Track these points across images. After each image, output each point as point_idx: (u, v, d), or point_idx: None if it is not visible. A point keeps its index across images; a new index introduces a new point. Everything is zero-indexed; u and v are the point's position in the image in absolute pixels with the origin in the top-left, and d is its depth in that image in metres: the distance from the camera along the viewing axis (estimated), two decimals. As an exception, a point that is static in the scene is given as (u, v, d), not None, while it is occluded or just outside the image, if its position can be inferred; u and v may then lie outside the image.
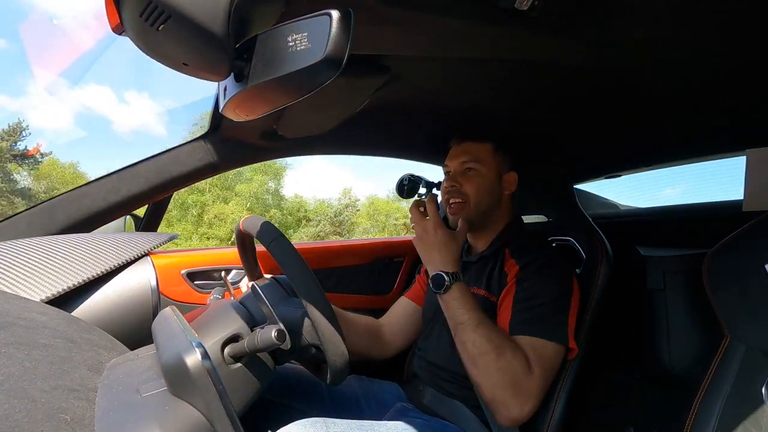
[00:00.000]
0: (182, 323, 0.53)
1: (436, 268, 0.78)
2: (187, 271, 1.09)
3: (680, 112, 0.88)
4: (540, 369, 0.73)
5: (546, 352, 0.75)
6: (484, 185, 0.92)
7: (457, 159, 0.95)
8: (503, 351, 0.71)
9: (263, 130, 1.01)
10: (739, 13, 0.56)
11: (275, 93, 0.42)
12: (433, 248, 0.80)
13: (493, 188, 0.93)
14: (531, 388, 0.72)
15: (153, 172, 1.01)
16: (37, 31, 41.78)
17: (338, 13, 0.35)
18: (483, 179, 0.92)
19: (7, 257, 0.80)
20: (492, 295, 0.86)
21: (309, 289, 0.60)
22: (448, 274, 0.77)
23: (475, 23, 0.57)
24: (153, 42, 0.41)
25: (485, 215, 0.93)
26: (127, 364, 0.50)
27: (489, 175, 0.93)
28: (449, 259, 0.79)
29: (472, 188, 0.92)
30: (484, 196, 0.92)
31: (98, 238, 0.96)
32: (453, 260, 0.79)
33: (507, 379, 0.70)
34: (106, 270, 0.90)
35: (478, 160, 0.92)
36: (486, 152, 0.93)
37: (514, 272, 0.84)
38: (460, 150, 0.95)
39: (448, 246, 0.80)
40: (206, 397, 0.41)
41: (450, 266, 0.78)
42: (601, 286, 0.90)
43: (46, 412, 0.36)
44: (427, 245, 0.81)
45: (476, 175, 0.92)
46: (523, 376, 0.71)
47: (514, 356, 0.72)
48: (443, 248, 0.80)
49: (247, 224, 0.74)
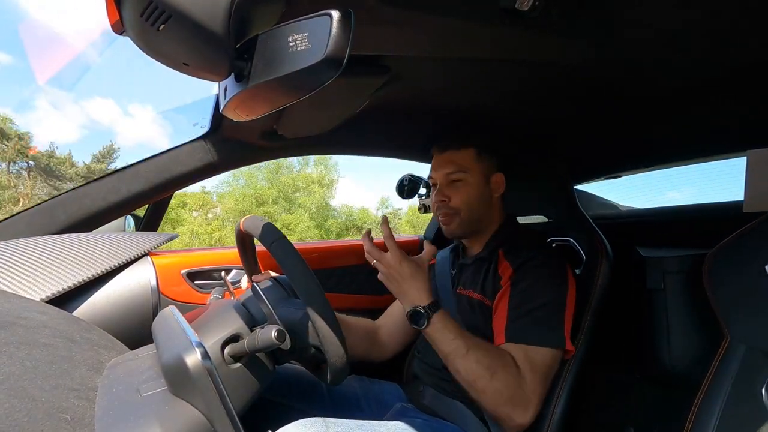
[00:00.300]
0: (182, 323, 0.53)
1: (412, 303, 0.74)
2: (187, 271, 1.09)
3: (680, 112, 0.88)
4: (537, 375, 0.73)
5: (542, 358, 0.75)
6: (474, 194, 0.91)
7: (441, 170, 0.93)
8: (496, 370, 0.71)
9: (263, 130, 1.01)
10: (739, 14, 0.56)
11: (276, 93, 0.42)
12: (402, 283, 0.75)
13: (482, 195, 0.92)
14: (530, 396, 0.72)
15: (153, 172, 1.01)
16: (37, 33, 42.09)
17: (338, 13, 0.35)
18: (471, 188, 0.91)
19: (8, 257, 0.80)
20: (486, 299, 0.86)
21: (310, 290, 0.60)
22: (424, 307, 0.73)
23: (476, 23, 0.57)
24: (153, 42, 0.41)
25: (478, 222, 0.93)
26: (127, 364, 0.50)
27: (476, 182, 0.91)
28: (421, 290, 0.75)
29: (462, 200, 0.90)
30: (475, 205, 0.91)
31: (98, 237, 0.96)
32: (425, 291, 0.75)
33: (505, 395, 0.70)
34: (107, 270, 0.90)
35: (463, 169, 0.90)
36: (469, 159, 0.91)
37: (508, 274, 0.83)
38: (443, 159, 0.93)
39: (416, 277, 0.75)
40: (206, 396, 0.41)
41: (424, 298, 0.74)
42: (602, 287, 0.90)
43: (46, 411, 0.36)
44: (394, 281, 0.76)
45: (464, 186, 0.91)
46: (520, 388, 0.71)
47: (507, 371, 0.71)
48: (412, 281, 0.74)
49: (248, 224, 0.74)
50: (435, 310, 0.74)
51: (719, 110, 0.85)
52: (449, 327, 0.74)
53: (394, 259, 0.75)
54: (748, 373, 0.63)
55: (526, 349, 0.75)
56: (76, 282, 0.84)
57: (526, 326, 0.76)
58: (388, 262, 0.75)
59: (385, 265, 0.75)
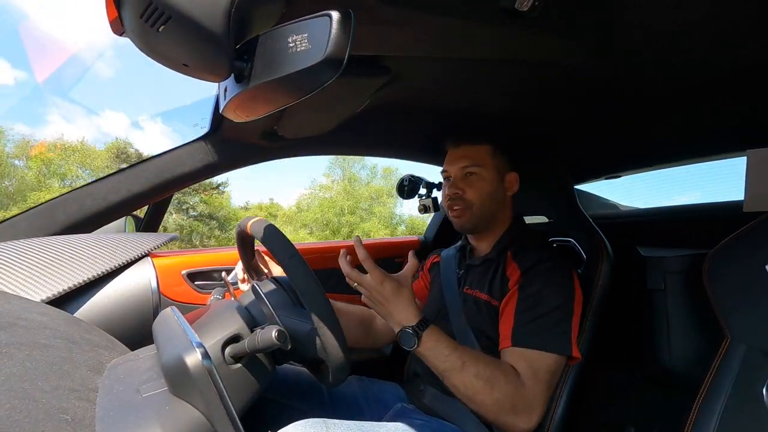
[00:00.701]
0: (183, 323, 0.53)
1: (399, 324, 0.72)
2: (188, 272, 1.09)
3: (680, 112, 0.88)
4: (540, 381, 0.73)
5: (548, 364, 0.74)
6: (487, 189, 0.90)
7: (456, 163, 0.92)
8: (496, 381, 0.70)
9: (263, 130, 1.01)
10: (739, 14, 0.56)
11: (276, 94, 0.42)
12: (387, 304, 0.72)
13: (496, 191, 0.91)
14: (532, 402, 0.71)
15: (153, 172, 1.01)
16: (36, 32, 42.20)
17: (338, 13, 0.35)
18: (485, 183, 0.90)
19: (8, 257, 0.80)
20: (494, 300, 0.85)
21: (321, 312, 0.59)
22: (413, 327, 0.71)
23: (476, 23, 0.57)
24: (153, 43, 0.41)
25: (489, 219, 0.92)
26: (127, 365, 0.50)
27: (491, 177, 0.91)
28: (407, 309, 0.72)
29: (476, 193, 0.90)
30: (487, 200, 0.90)
31: (99, 238, 0.96)
32: (411, 309, 0.72)
33: (507, 405, 0.70)
34: (107, 270, 0.90)
35: (478, 164, 0.90)
36: (485, 154, 0.92)
37: (515, 277, 0.83)
38: (459, 153, 0.93)
39: (400, 296, 0.72)
40: (206, 397, 0.41)
41: (411, 317, 0.71)
42: (602, 287, 0.90)
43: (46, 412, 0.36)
44: (378, 303, 0.73)
45: (478, 180, 0.90)
46: (522, 395, 0.71)
47: (507, 380, 0.71)
48: (396, 301, 0.72)
49: (256, 230, 0.71)
50: (424, 327, 0.71)
51: (719, 110, 0.85)
52: (442, 343, 0.72)
53: (374, 280, 0.71)
54: (749, 372, 0.63)
55: (531, 354, 0.74)
56: (77, 283, 0.84)
57: (532, 332, 0.76)
58: (369, 284, 0.72)
59: (367, 287, 0.72)
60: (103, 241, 0.95)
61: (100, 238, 0.97)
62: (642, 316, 0.96)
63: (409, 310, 0.72)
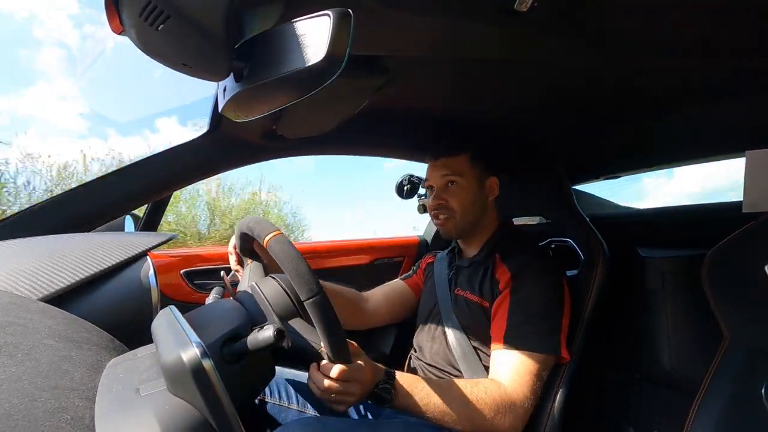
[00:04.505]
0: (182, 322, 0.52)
1: (371, 391, 0.67)
2: (187, 271, 1.09)
3: (679, 113, 0.88)
4: (525, 383, 0.74)
5: (534, 363, 0.76)
6: (468, 197, 0.94)
7: (437, 173, 0.96)
8: (477, 402, 0.71)
9: (263, 130, 1.01)
10: (738, 14, 0.56)
11: (275, 93, 0.42)
12: (346, 392, 0.65)
13: (476, 198, 0.94)
14: (517, 406, 0.73)
15: (153, 171, 1.01)
16: (37, 31, 42.09)
17: (338, 13, 0.35)
18: (465, 191, 0.94)
19: (6, 256, 0.80)
20: (484, 301, 0.87)
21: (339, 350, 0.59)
22: (382, 384, 0.67)
23: (475, 24, 0.57)
24: (152, 42, 0.41)
25: (473, 224, 0.96)
26: (126, 364, 0.50)
27: (470, 185, 0.94)
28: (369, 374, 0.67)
29: (457, 201, 0.93)
30: (470, 208, 0.94)
31: (98, 237, 0.96)
32: (371, 371, 0.67)
33: (492, 416, 0.71)
34: (106, 269, 0.90)
35: (457, 173, 0.93)
36: (464, 164, 0.94)
37: (506, 279, 0.85)
38: (438, 166, 0.96)
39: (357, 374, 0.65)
40: (206, 396, 0.41)
41: (376, 376, 0.67)
42: (599, 287, 0.90)
43: (46, 411, 0.36)
44: (349, 396, 0.65)
45: (458, 188, 0.94)
46: (504, 404, 0.72)
47: (488, 394, 0.72)
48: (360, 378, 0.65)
49: (275, 249, 0.60)
50: (391, 377, 0.69)
51: (718, 111, 0.85)
52: (414, 389, 0.70)
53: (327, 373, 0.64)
54: (748, 373, 0.63)
55: (521, 355, 0.76)
56: (75, 281, 0.84)
57: (523, 334, 0.78)
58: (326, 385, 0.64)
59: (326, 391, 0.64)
60: (102, 240, 0.95)
61: (99, 236, 0.97)
62: (641, 316, 0.97)
63: (370, 374, 0.67)
